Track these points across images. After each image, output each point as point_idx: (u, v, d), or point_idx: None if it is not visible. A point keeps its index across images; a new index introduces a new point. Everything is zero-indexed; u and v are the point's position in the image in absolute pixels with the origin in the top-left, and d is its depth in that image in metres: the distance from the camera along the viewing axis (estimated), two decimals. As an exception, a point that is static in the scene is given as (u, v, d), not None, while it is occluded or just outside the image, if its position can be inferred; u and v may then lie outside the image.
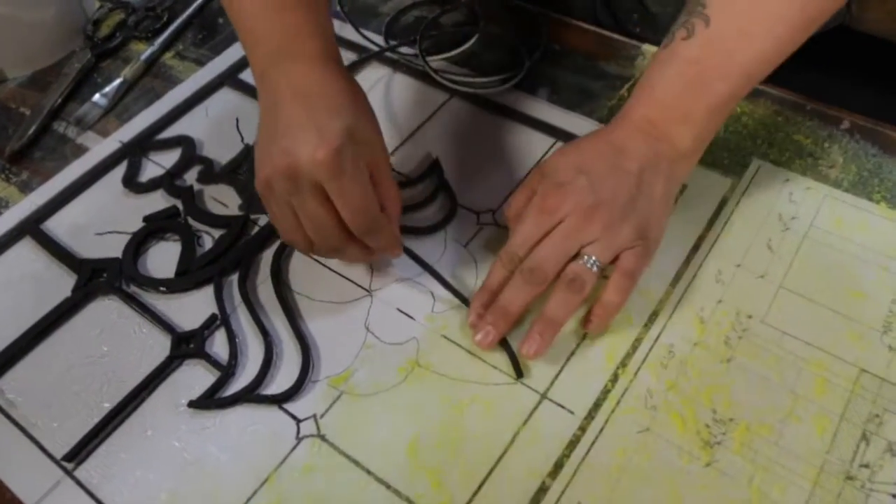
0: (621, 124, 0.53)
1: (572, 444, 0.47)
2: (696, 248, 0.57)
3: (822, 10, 0.49)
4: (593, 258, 0.49)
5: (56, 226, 0.63)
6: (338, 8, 0.79)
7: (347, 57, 0.75)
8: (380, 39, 0.76)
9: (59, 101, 0.73)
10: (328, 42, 0.53)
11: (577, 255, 0.50)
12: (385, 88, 0.72)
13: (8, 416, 0.52)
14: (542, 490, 0.46)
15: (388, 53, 0.74)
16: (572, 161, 0.52)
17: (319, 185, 0.47)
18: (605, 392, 0.50)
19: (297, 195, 0.48)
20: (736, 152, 0.63)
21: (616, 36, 0.74)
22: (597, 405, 0.49)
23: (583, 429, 0.48)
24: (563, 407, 0.49)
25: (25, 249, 0.62)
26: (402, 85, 0.72)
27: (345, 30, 0.77)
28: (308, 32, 0.52)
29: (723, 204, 0.59)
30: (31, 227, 0.62)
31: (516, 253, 0.51)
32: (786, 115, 0.65)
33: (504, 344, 0.51)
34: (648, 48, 0.72)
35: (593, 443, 0.47)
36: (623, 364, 0.51)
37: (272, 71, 0.51)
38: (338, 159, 0.46)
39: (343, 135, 0.47)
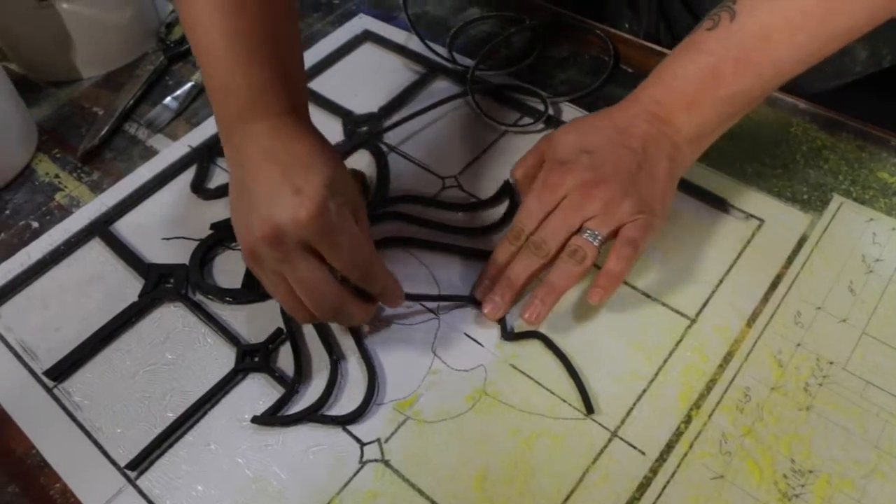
0: (628, 104, 0.54)
1: (643, 486, 0.46)
2: (773, 286, 0.55)
3: (846, 28, 0.50)
4: (595, 231, 0.51)
5: (124, 228, 0.64)
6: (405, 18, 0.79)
7: (416, 69, 0.74)
8: (443, 52, 0.76)
9: (132, 102, 0.74)
10: (297, 96, 0.51)
11: (579, 229, 0.52)
12: (455, 105, 0.71)
13: (74, 419, 0.52)
14: (611, 533, 0.45)
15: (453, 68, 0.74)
16: (575, 139, 0.54)
17: (308, 246, 0.45)
18: (678, 434, 0.48)
19: (286, 262, 0.46)
20: (816, 187, 0.61)
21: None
22: (669, 447, 0.48)
23: (654, 471, 0.47)
24: (633, 447, 0.48)
25: (94, 250, 0.62)
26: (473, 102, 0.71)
27: (411, 41, 0.77)
28: (276, 88, 0.49)
29: (802, 241, 0.57)
30: (101, 229, 0.63)
31: (522, 228, 0.53)
32: (869, 151, 0.63)
33: (575, 378, 0.50)
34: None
35: (665, 487, 0.46)
36: (697, 405, 0.49)
37: (238, 131, 0.49)
38: (324, 215, 0.44)
39: (323, 189, 0.45)
